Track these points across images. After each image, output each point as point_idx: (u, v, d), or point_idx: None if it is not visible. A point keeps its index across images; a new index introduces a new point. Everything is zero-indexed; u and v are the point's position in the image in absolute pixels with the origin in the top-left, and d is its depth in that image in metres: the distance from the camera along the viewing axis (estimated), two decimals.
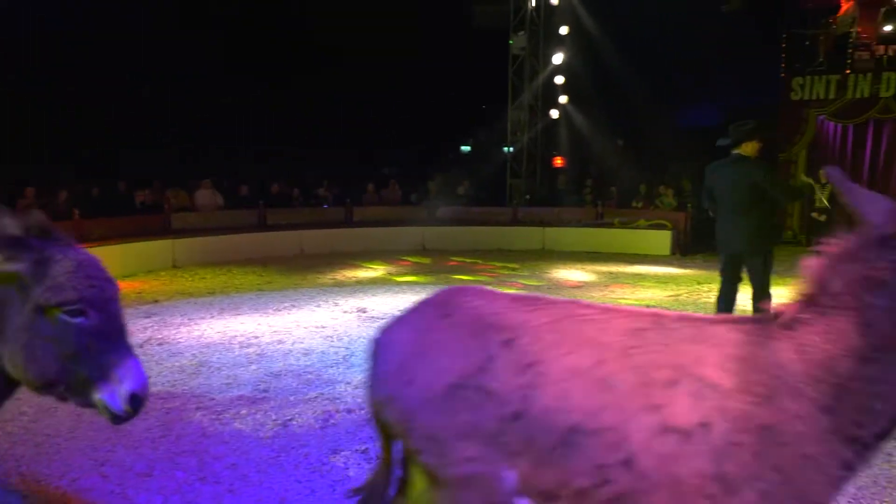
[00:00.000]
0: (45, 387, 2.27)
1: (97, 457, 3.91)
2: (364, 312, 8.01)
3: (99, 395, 2.26)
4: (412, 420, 1.90)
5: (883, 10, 14.05)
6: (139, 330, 6.97)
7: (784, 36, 15.02)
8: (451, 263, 12.43)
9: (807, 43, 14.96)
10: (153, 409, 4.69)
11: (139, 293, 9.16)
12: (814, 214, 12.42)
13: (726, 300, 6.16)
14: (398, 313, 2.18)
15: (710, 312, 8.11)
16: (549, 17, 17.04)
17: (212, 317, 7.68)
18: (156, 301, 8.60)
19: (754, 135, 5.85)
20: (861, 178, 14.30)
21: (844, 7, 14.41)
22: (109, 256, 10.36)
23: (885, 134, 14.08)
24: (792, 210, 15.21)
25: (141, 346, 6.33)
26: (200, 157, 17.10)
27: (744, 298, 6.28)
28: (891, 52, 13.96)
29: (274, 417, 4.55)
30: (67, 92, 16.08)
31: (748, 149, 5.85)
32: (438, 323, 2.00)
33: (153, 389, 5.07)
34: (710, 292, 9.47)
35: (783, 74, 15.10)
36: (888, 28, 13.92)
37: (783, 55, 15.09)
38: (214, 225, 12.83)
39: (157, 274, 10.75)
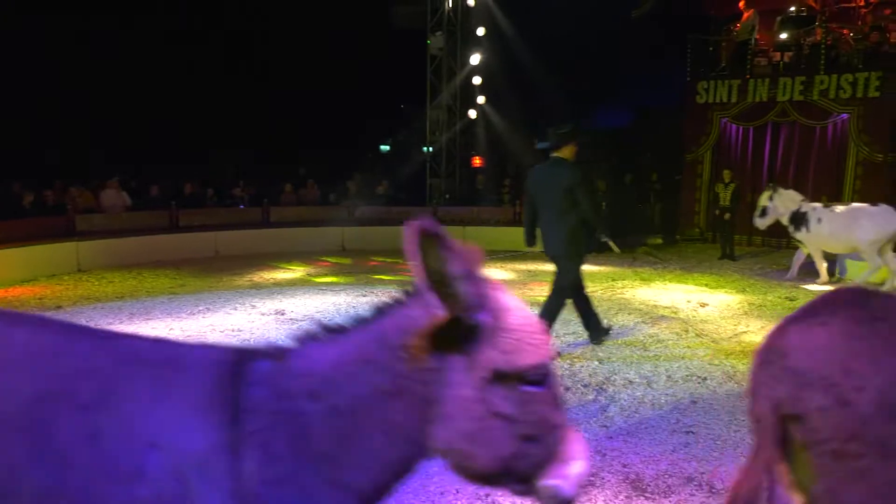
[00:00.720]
0: (493, 477, 1.72)
1: None
2: (282, 315, 7.86)
3: (545, 480, 1.68)
4: (863, 428, 1.64)
5: (778, 19, 14.91)
6: None
7: (689, 41, 15.68)
8: (372, 263, 12.36)
9: (710, 49, 15.67)
10: None
11: (40, 299, 8.67)
12: (718, 212, 13.03)
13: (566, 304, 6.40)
14: (788, 315, 1.86)
15: (625, 308, 8.38)
16: (466, 17, 17.20)
17: (120, 322, 7.36)
18: (59, 307, 8.15)
19: (570, 139, 6.05)
20: (761, 178, 15.11)
21: (745, 15, 15.18)
22: (8, 261, 9.83)
23: (782, 136, 14.92)
24: (699, 208, 15.91)
25: None
26: (106, 155, 16.35)
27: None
28: (786, 59, 14.82)
29: None
30: None
31: (566, 152, 6.04)
32: (872, 326, 1.73)
33: None
34: (623, 288, 9.80)
35: (689, 78, 15.76)
36: (783, 36, 14.77)
37: (689, 59, 15.75)
38: (123, 227, 12.31)
39: (61, 278, 10.20)
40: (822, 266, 10.21)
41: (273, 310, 8.10)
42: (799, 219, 10.13)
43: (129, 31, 17.60)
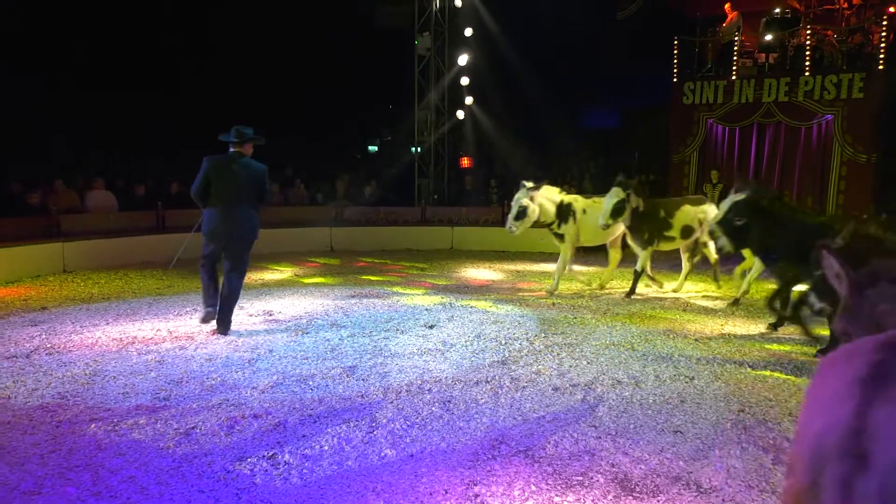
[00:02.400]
0: None
1: None
2: (270, 315, 7.83)
3: None
4: None
5: (763, 20, 15.03)
6: (25, 339, 6.54)
7: (675, 42, 15.76)
8: (360, 264, 12.34)
9: (696, 49, 15.77)
10: (41, 422, 4.41)
11: (25, 300, 8.58)
12: None
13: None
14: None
15: (613, 308, 8.42)
16: (454, 18, 17.20)
17: (107, 323, 7.30)
18: (44, 308, 8.08)
19: (256, 140, 7.07)
20: (746, 179, 15.20)
21: (730, 17, 15.28)
22: None
23: (767, 137, 15.04)
24: None
25: (27, 357, 5.93)
26: (91, 155, 16.20)
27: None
28: (771, 60, 14.94)
29: (175, 426, 4.38)
30: None
31: (248, 149, 6.92)
32: None
33: (41, 402, 4.77)
34: (611, 289, 9.84)
35: (675, 79, 15.84)
36: (768, 37, 14.89)
37: (675, 60, 15.83)
38: (109, 227, 12.21)
39: (46, 279, 10.11)
40: (567, 263, 9.54)
41: (261, 311, 8.07)
42: (564, 212, 9.41)
43: (114, 25, 17.41)
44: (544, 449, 4.06)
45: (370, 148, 24.64)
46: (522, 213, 8.99)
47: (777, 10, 15.18)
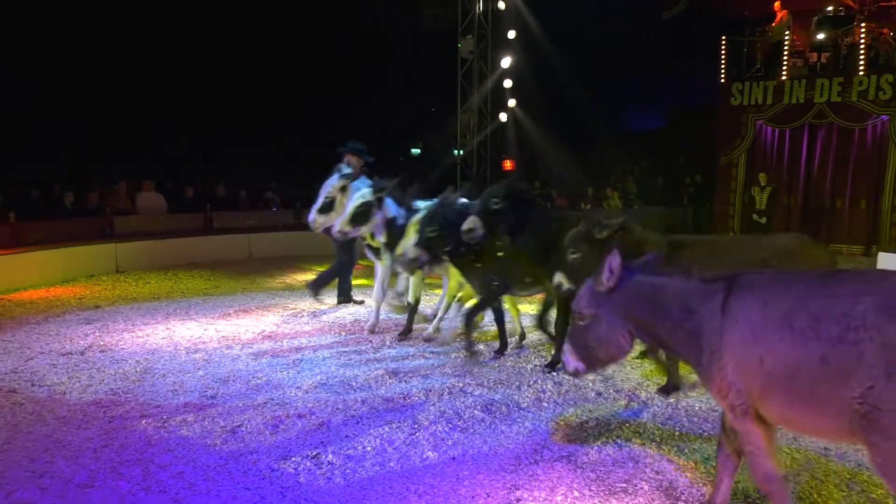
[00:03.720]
0: None
1: (35, 468, 3.77)
2: (315, 316, 7.93)
3: None
4: None
5: (815, 19, 14.63)
6: (79, 337, 6.75)
7: (723, 42, 15.47)
8: None
9: (744, 49, 15.45)
10: (95, 417, 4.55)
11: (80, 299, 8.87)
12: (754, 217, 12.82)
13: None
14: None
15: None
16: (497, 21, 17.18)
17: (157, 322, 7.49)
18: (97, 306, 8.33)
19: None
20: (797, 182, 14.84)
21: (779, 16, 14.93)
22: (48, 261, 10.07)
23: (819, 139, 14.64)
24: (734, 212, 15.68)
25: (82, 354, 6.13)
26: (143, 158, 16.63)
27: None
28: (823, 60, 14.53)
29: (222, 424, 4.46)
30: None
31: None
32: None
33: (94, 397, 4.92)
34: None
35: (723, 80, 15.55)
36: (820, 36, 14.49)
37: (723, 61, 15.54)
38: (159, 228, 12.53)
39: (99, 279, 10.42)
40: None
41: (305, 311, 8.17)
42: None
43: (168, 32, 17.83)
44: (587, 454, 4.02)
45: (413, 151, 24.76)
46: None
47: (829, 8, 14.78)
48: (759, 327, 2.69)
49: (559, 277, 4.79)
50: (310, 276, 10.99)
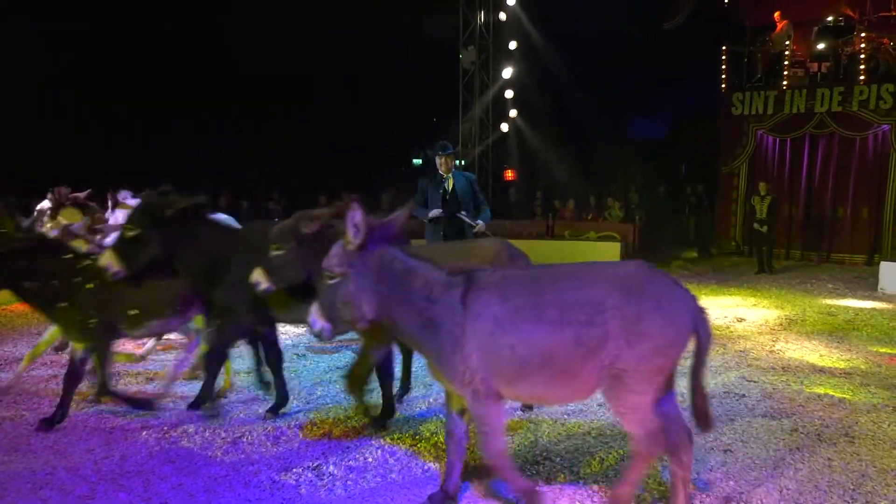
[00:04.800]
0: None
1: (36, 480, 3.75)
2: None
3: None
4: None
5: (815, 29, 14.68)
6: None
7: (723, 51, 15.52)
8: None
9: (745, 59, 15.49)
10: (95, 428, 4.54)
11: None
12: (755, 226, 12.82)
13: None
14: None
15: None
16: (498, 31, 17.25)
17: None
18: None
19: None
20: (798, 191, 14.84)
21: (780, 26, 14.99)
22: None
23: (820, 148, 14.65)
24: (735, 221, 15.68)
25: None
26: (142, 167, 16.68)
27: None
28: (824, 70, 14.57)
29: (223, 435, 4.45)
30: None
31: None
32: None
33: (95, 409, 4.91)
34: None
35: (724, 89, 15.58)
36: (821, 46, 14.54)
37: (723, 71, 15.58)
38: None
39: None
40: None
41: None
42: None
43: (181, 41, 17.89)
44: (589, 466, 4.01)
45: (414, 161, 24.82)
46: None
47: (830, 18, 14.83)
48: (504, 320, 3.04)
49: (258, 275, 4.14)
50: None
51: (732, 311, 9.09)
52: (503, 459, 3.27)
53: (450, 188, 7.09)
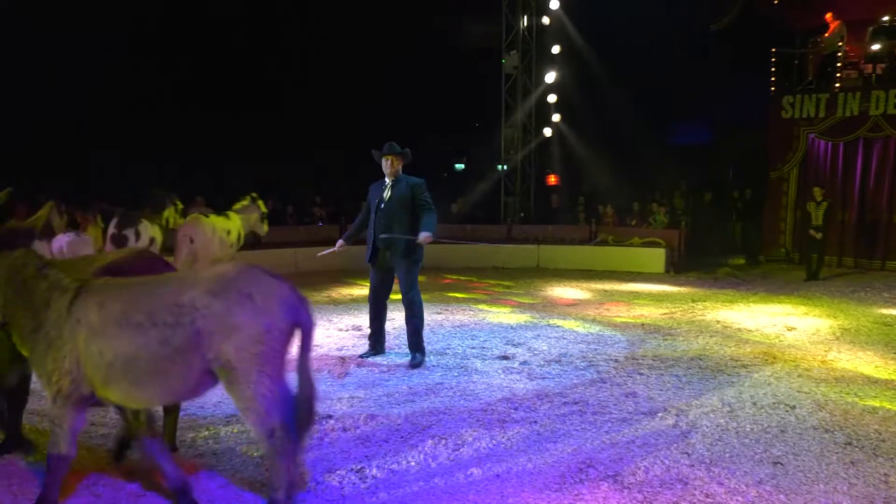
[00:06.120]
0: None
1: (90, 476, 3.86)
2: (359, 330, 7.98)
3: None
4: None
5: (870, 29, 14.24)
6: None
7: (773, 54, 15.17)
8: (446, 281, 12.43)
9: (796, 62, 15.11)
10: None
11: None
12: (810, 232, 12.47)
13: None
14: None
15: (705, 330, 8.12)
16: (541, 36, 17.19)
17: None
18: None
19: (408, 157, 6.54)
20: (852, 197, 14.38)
21: (832, 27, 14.58)
22: None
23: (874, 152, 14.16)
24: (785, 228, 15.29)
25: None
26: (191, 173, 17.01)
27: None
28: (878, 71, 14.11)
29: None
30: None
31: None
32: None
33: None
34: (704, 310, 9.49)
35: (773, 93, 15.23)
36: (875, 47, 14.09)
37: (773, 73, 15.23)
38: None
39: None
40: None
41: (350, 325, 8.24)
42: None
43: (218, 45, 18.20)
44: (634, 475, 3.95)
45: (456, 166, 24.85)
46: None
47: (885, 18, 14.35)
48: (97, 326, 3.21)
49: None
50: (354, 291, 11.11)
51: (782, 319, 8.85)
52: (58, 465, 3.37)
53: (386, 197, 6.46)
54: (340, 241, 7.02)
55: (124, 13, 16.71)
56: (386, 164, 6.48)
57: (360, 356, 6.71)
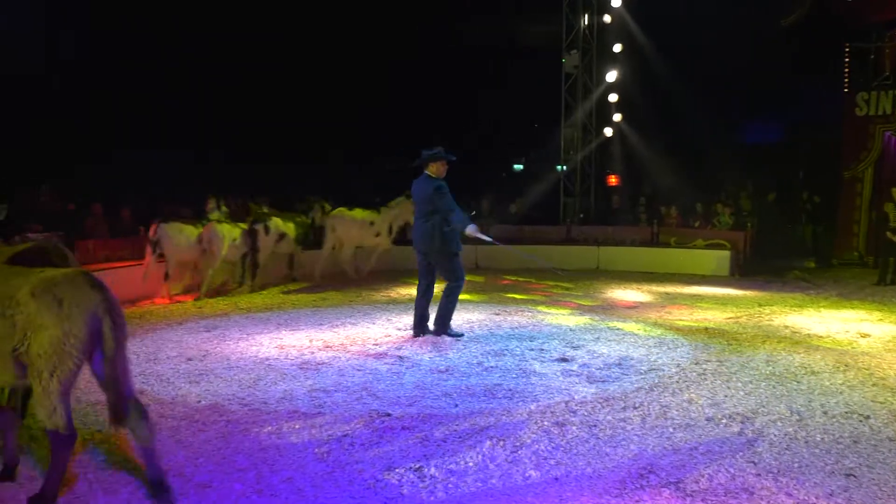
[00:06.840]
0: None
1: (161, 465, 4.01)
2: None
3: None
4: None
5: None
6: (199, 344, 7.16)
7: (847, 50, 14.59)
8: (504, 282, 12.40)
9: (871, 57, 14.50)
10: (213, 421, 4.80)
11: (200, 308, 9.42)
12: (888, 234, 11.94)
13: (419, 292, 7.71)
14: None
15: (772, 335, 7.87)
16: (602, 34, 16.97)
17: (269, 332, 7.83)
18: (215, 316, 8.81)
19: (436, 159, 7.48)
20: None
21: None
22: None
23: None
24: (858, 230, 14.68)
25: (202, 360, 6.50)
26: (252, 169, 17.29)
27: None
28: None
29: (329, 432, 4.60)
30: None
31: (433, 169, 7.47)
32: None
33: (212, 401, 5.21)
34: (771, 315, 9.20)
35: (847, 89, 14.65)
36: None
37: (846, 70, 14.65)
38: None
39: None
40: None
41: (408, 325, 8.30)
42: None
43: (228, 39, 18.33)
44: (697, 483, 3.86)
45: (515, 166, 24.75)
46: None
47: None
48: None
49: None
50: (412, 291, 11.18)
51: (855, 325, 8.49)
52: None
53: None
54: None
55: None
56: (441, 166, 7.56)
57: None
